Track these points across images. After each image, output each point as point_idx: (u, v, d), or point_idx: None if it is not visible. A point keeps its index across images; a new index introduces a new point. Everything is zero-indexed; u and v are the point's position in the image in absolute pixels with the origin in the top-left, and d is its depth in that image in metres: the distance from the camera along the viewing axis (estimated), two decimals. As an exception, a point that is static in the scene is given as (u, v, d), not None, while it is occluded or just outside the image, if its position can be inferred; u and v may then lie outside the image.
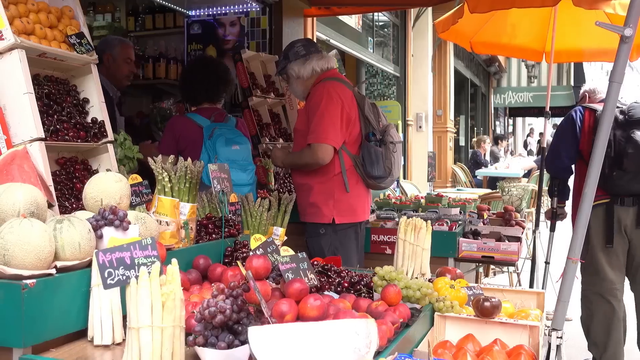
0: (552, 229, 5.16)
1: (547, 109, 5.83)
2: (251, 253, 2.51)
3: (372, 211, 5.14)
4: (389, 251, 4.45)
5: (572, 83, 24.96)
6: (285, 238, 3.23)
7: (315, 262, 2.77)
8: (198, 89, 4.22)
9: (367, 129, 3.87)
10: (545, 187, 7.44)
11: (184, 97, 4.42)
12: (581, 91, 5.01)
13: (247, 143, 4.13)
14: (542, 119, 6.83)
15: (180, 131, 4.05)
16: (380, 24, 11.17)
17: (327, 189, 3.83)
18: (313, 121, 3.74)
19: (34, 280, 1.77)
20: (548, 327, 2.89)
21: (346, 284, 2.56)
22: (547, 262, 5.21)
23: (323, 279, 2.57)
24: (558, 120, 5.80)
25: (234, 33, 6.05)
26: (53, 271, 1.87)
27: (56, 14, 2.91)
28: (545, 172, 5.35)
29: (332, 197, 3.83)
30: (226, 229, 2.84)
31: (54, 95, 2.87)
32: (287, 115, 5.61)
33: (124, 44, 4.77)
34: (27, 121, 2.59)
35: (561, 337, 2.88)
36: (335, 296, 2.42)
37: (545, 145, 5.92)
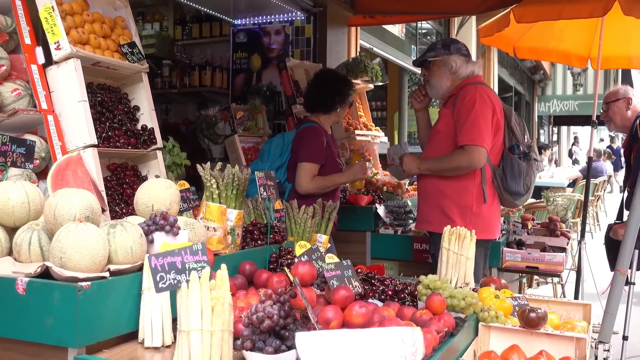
0: None
1: (594, 118, 5.72)
2: (296, 260, 2.54)
3: (414, 219, 5.10)
4: (431, 260, 4.43)
5: (619, 91, 24.37)
6: (329, 245, 3.25)
7: (359, 270, 2.78)
8: (333, 99, 4.21)
9: (510, 141, 3.71)
10: (591, 197, 7.29)
11: (316, 105, 4.28)
12: (621, 93, 4.82)
13: None
14: (587, 127, 6.71)
15: (324, 138, 4.11)
16: (424, 31, 11.15)
17: (464, 200, 3.64)
18: (467, 122, 3.54)
19: (89, 283, 1.83)
20: (595, 339, 2.85)
21: (390, 292, 2.57)
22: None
23: (367, 287, 2.58)
24: (604, 129, 5.66)
25: (278, 41, 6.11)
26: (106, 274, 1.93)
27: (109, 24, 3.00)
28: (591, 181, 5.21)
29: (470, 210, 3.63)
30: (271, 236, 2.88)
31: (107, 103, 2.96)
32: (331, 123, 5.64)
33: None
34: (81, 128, 2.68)
35: (608, 350, 2.84)
36: (379, 304, 2.43)
37: (592, 155, 5.82)
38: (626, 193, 4.63)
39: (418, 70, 10.24)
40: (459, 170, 3.60)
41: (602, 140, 30.81)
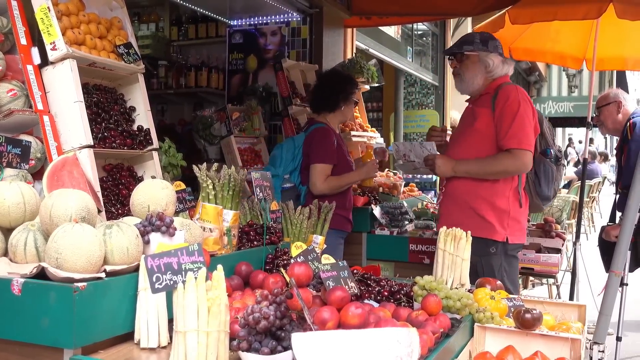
0: None
1: (589, 119, 5.74)
2: (292, 260, 2.54)
3: (410, 220, 5.11)
4: (427, 261, 4.44)
5: (614, 93, 24.41)
6: (325, 246, 3.25)
7: (355, 271, 2.79)
8: (337, 97, 4.24)
9: (542, 145, 3.63)
10: (586, 199, 7.32)
11: (321, 105, 4.33)
12: (611, 96, 4.87)
13: None
14: (582, 129, 6.71)
15: (333, 137, 4.14)
16: (420, 32, 11.15)
17: (501, 204, 3.49)
18: (513, 125, 3.39)
19: (85, 284, 1.82)
20: (590, 340, 2.86)
21: (386, 293, 2.57)
22: None
23: (363, 288, 2.59)
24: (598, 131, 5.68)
25: (274, 42, 6.11)
26: (102, 275, 1.93)
27: (105, 24, 3.00)
28: (586, 183, 5.25)
29: (507, 215, 3.49)
30: (267, 237, 2.88)
31: (103, 103, 2.95)
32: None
33: None
34: (77, 128, 2.67)
35: (603, 351, 2.85)
36: (375, 305, 2.43)
37: (587, 156, 5.84)
38: (618, 195, 4.66)
39: (415, 72, 10.31)
40: (505, 174, 3.48)
41: (580, 142, 30.80)
